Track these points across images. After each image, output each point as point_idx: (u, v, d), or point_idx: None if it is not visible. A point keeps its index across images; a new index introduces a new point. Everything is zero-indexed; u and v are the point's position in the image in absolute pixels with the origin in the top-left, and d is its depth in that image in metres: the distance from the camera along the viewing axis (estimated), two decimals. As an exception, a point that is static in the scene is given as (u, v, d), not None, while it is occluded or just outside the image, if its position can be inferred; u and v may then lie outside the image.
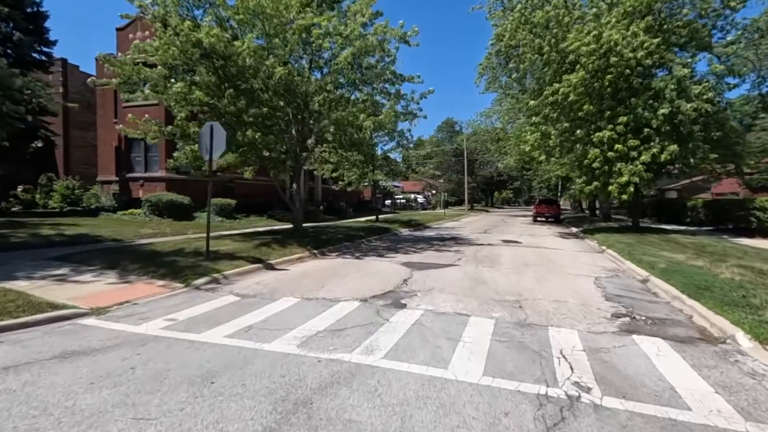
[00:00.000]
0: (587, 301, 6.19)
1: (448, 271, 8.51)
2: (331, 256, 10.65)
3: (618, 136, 14.75)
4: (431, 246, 12.92)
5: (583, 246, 13.93)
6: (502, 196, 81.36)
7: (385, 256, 10.63)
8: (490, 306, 5.81)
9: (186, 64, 10.52)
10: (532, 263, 9.66)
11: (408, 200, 44.19)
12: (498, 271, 8.49)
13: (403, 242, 14.06)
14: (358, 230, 16.08)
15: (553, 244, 14.27)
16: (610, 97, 15.30)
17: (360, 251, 11.57)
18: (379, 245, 13.17)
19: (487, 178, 57.67)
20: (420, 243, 13.79)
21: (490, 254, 11.11)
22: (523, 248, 12.65)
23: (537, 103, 16.12)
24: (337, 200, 26.71)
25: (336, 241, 12.70)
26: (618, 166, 14.62)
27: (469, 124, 43.45)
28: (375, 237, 15.16)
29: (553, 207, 27.32)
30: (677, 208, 21.95)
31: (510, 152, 28.26)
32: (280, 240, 11.77)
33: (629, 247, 11.71)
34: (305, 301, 5.96)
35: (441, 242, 14.08)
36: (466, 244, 13.66)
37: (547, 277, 8.02)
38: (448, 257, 10.43)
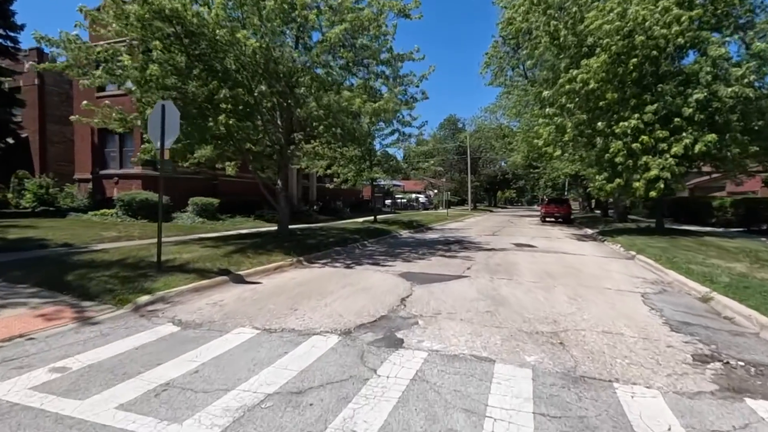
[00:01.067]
0: (648, 332, 4.58)
1: (457, 285, 6.88)
2: (317, 264, 9.04)
3: (644, 126, 13.12)
4: (435, 251, 11.30)
5: (606, 251, 12.28)
6: (505, 196, 79.63)
7: (381, 264, 9.02)
8: (520, 342, 4.19)
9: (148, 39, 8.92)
10: (557, 274, 8.03)
11: (409, 200, 42.55)
12: (519, 285, 6.87)
13: (402, 247, 12.44)
14: (353, 232, 14.47)
15: (572, 248, 12.63)
16: (635, 84, 13.65)
17: (353, 258, 9.96)
18: (376, 250, 11.56)
19: (490, 177, 55.95)
20: (422, 247, 12.17)
21: (504, 262, 9.48)
22: (540, 254, 11.02)
23: (552, 93, 14.47)
24: (333, 200, 25.13)
25: (326, 245, 11.09)
26: (644, 160, 12.97)
27: (473, 120, 41.81)
28: (371, 240, 13.55)
29: (563, 207, 25.65)
30: (699, 208, 20.29)
31: (518, 148, 26.60)
32: (259, 245, 10.18)
33: (664, 252, 10.08)
34: (265, 335, 4.36)
35: (446, 246, 12.46)
36: (474, 248, 12.04)
37: (582, 293, 6.39)
38: (456, 266, 8.80)
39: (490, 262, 9.43)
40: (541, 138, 15.04)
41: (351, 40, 10.93)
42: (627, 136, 13.40)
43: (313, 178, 23.99)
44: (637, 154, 13.28)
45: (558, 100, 14.45)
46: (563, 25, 14.36)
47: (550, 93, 14.43)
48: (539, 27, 15.01)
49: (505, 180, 60.83)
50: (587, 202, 35.35)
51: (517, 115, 24.63)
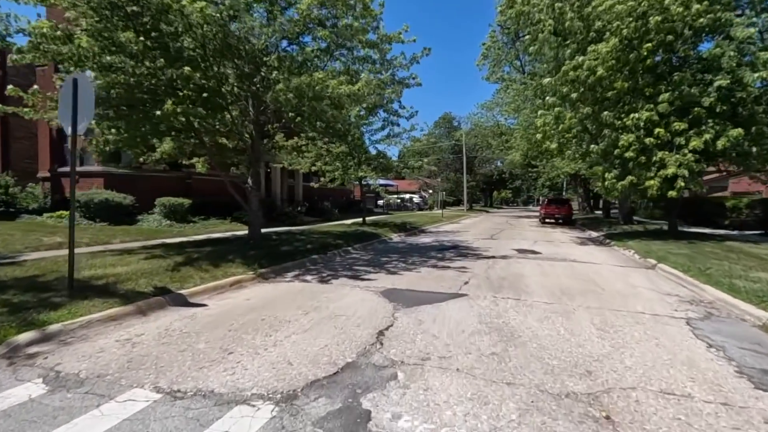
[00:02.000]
0: (725, 392, 3.19)
1: (453, 308, 5.47)
2: (285, 278, 7.59)
3: (659, 117, 11.80)
4: (427, 259, 9.89)
5: (619, 258, 10.93)
6: (501, 196, 78.54)
7: (362, 277, 7.59)
8: (548, 418, 2.77)
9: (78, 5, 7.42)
10: (573, 290, 6.64)
11: (403, 200, 41.14)
12: (531, 309, 5.46)
13: (391, 254, 11.01)
14: (337, 237, 13.03)
15: (581, 254, 11.26)
16: (648, 72, 12.33)
17: (330, 268, 8.52)
18: (359, 258, 10.13)
19: (486, 176, 54.80)
20: (412, 254, 10.75)
21: (507, 273, 8.07)
22: (547, 262, 9.63)
23: (554, 81, 13.11)
24: (321, 200, 23.66)
25: (302, 253, 9.64)
26: (659, 156, 11.66)
27: (469, 117, 40.48)
28: (357, 246, 12.11)
29: (564, 207, 24.35)
30: (710, 209, 19.04)
31: (516, 146, 25.28)
32: (221, 253, 8.71)
33: (691, 261, 8.75)
34: (165, 404, 2.91)
35: (439, 253, 11.05)
36: (471, 255, 10.64)
37: (612, 321, 4.99)
38: (451, 279, 7.39)
39: (491, 273, 8.02)
40: (539, 130, 13.65)
41: (333, 20, 9.52)
42: (639, 129, 12.08)
43: (299, 177, 22.51)
44: (650, 149, 11.97)
45: (560, 89, 13.09)
46: (569, 8, 13.01)
47: (553, 80, 13.06)
48: (542, 9, 13.65)
49: (501, 180, 59.68)
50: (587, 202, 34.14)
51: (515, 111, 23.29)
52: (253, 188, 10.41)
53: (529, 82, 21.71)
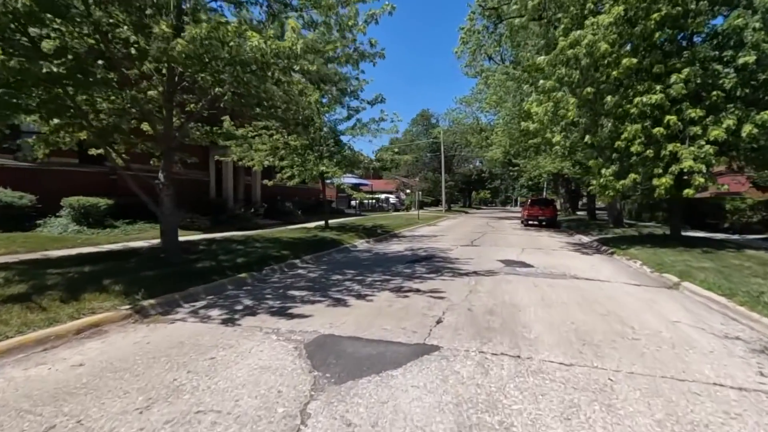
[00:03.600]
0: None
1: (414, 387, 3.22)
2: (177, 313, 5.21)
3: (670, 103, 9.96)
4: (391, 277, 7.65)
5: (627, 271, 8.98)
6: (480, 196, 77.37)
7: (290, 312, 5.28)
8: None
9: None
10: (594, 333, 4.51)
11: (378, 201, 38.86)
12: (544, 383, 3.26)
13: (348, 269, 8.73)
14: (286, 245, 10.66)
15: (581, 266, 9.27)
16: (656, 48, 10.49)
17: (254, 296, 6.18)
18: (303, 277, 7.80)
19: (465, 176, 53.18)
20: (375, 270, 8.50)
21: (496, 302, 5.91)
22: (544, 280, 7.54)
23: (548, 60, 11.11)
24: (282, 200, 21.14)
25: (224, 271, 7.25)
26: (670, 148, 9.80)
27: (447, 113, 38.58)
28: (309, 257, 9.78)
29: (549, 209, 22.61)
30: (706, 210, 17.55)
31: (498, 142, 23.43)
32: (97, 276, 6.23)
33: (725, 279, 6.85)
34: None
35: (408, 267, 8.84)
36: (448, 270, 8.46)
37: (683, 411, 2.85)
38: (418, 314, 5.17)
39: (474, 302, 5.84)
40: (535, 118, 11.63)
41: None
42: (646, 117, 10.21)
43: (256, 175, 19.93)
44: (659, 141, 10.12)
45: (556, 71, 11.11)
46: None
47: (547, 59, 11.06)
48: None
49: (480, 180, 58.28)
50: (570, 203, 32.74)
51: (497, 103, 21.37)
52: (165, 185, 7.93)
53: (512, 72, 19.90)
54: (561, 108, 11.14)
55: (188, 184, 16.81)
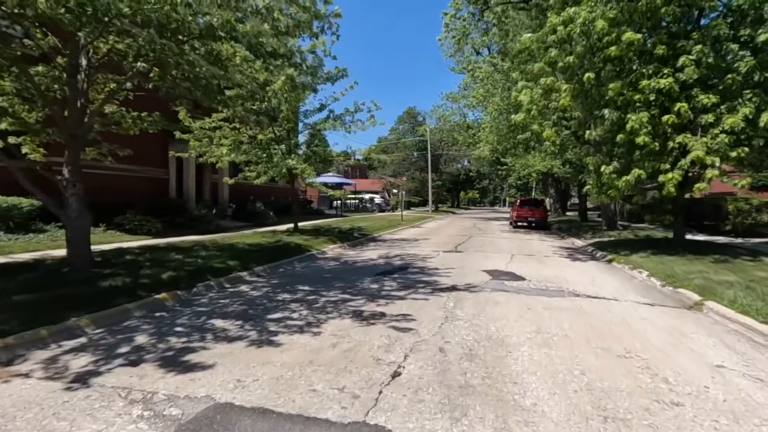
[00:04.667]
0: None
1: None
2: (20, 366, 3.66)
3: (680, 89, 8.70)
4: (351, 297, 6.18)
5: (634, 284, 7.66)
6: (468, 196, 76.36)
7: (184, 361, 3.78)
8: None
9: None
10: (619, 397, 3.09)
11: (361, 201, 37.30)
12: None
13: (300, 286, 7.23)
14: (237, 254, 9.13)
15: (580, 279, 7.91)
16: (663, 27, 9.24)
17: (155, 330, 4.65)
18: (238, 300, 6.28)
19: (453, 175, 51.95)
20: (333, 288, 7.01)
21: (477, 337, 4.47)
22: (539, 301, 6.15)
23: (537, 38, 9.77)
24: (253, 201, 19.50)
25: (135, 291, 5.70)
26: (679, 140, 8.54)
27: (434, 110, 37.19)
28: (262, 269, 8.26)
29: (539, 209, 21.38)
30: (704, 211, 16.45)
31: (485, 139, 22.12)
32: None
33: (756, 296, 5.67)
34: None
35: (376, 282, 7.38)
36: (423, 287, 7.02)
37: None
38: (366, 364, 3.71)
39: (450, 339, 4.40)
40: (522, 109, 10.25)
41: None
42: (652, 105, 8.94)
43: (224, 173, 18.23)
44: (666, 132, 8.86)
45: (546, 53, 9.76)
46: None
47: (536, 36, 9.71)
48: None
49: (468, 179, 57.18)
50: (560, 203, 31.66)
51: (484, 97, 20.05)
52: (70, 182, 6.33)
53: (500, 64, 18.62)
54: (552, 97, 9.79)
55: (142, 183, 15.14)
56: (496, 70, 18.73)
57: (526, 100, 9.79)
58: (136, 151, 15.20)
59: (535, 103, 9.81)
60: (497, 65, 18.76)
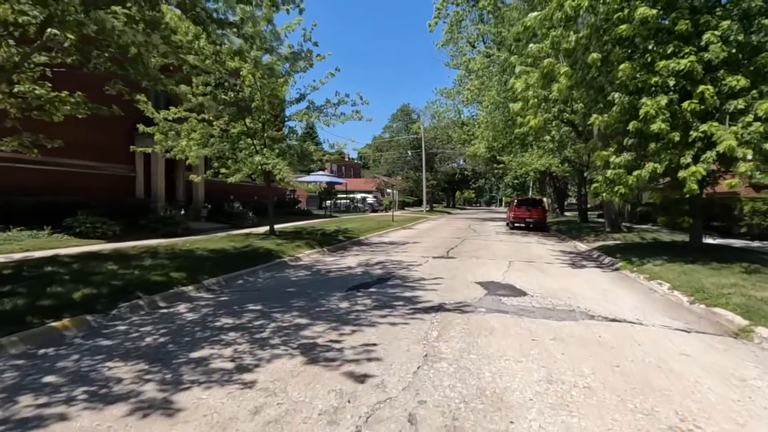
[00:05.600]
0: None
1: None
2: None
3: (703, 70, 7.51)
4: (307, 324, 4.90)
5: (654, 299, 6.45)
6: (463, 196, 75.22)
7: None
8: None
9: None
10: None
11: (353, 201, 35.96)
12: None
13: (251, 306, 5.94)
14: (189, 263, 7.83)
15: (590, 293, 6.68)
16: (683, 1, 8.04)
17: (8, 391, 3.35)
18: (163, 327, 4.98)
19: (448, 175, 50.73)
20: (290, 308, 5.73)
21: (466, 392, 3.19)
22: (547, 327, 4.89)
23: (542, 16, 8.52)
24: (232, 201, 18.14)
25: (21, 318, 4.39)
26: (704, 129, 7.34)
27: (428, 107, 35.95)
28: (214, 282, 6.97)
29: (537, 210, 20.17)
30: (715, 212, 15.29)
31: (480, 135, 20.90)
32: None
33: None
34: None
35: (347, 300, 6.10)
36: (402, 306, 5.75)
37: None
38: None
39: (425, 398, 3.13)
40: (519, 95, 8.97)
41: None
42: (671, 90, 7.72)
43: (199, 170, 16.86)
44: (688, 120, 7.65)
45: (550, 33, 8.53)
46: None
47: (541, 15, 8.47)
48: None
49: (464, 179, 56.03)
50: (558, 203, 30.51)
51: (479, 90, 18.82)
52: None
53: (496, 55, 17.41)
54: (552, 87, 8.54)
55: (102, 181, 13.79)
56: (491, 61, 17.53)
57: (522, 86, 8.52)
58: (95, 146, 13.91)
59: (533, 88, 8.55)
60: (493, 56, 17.56)
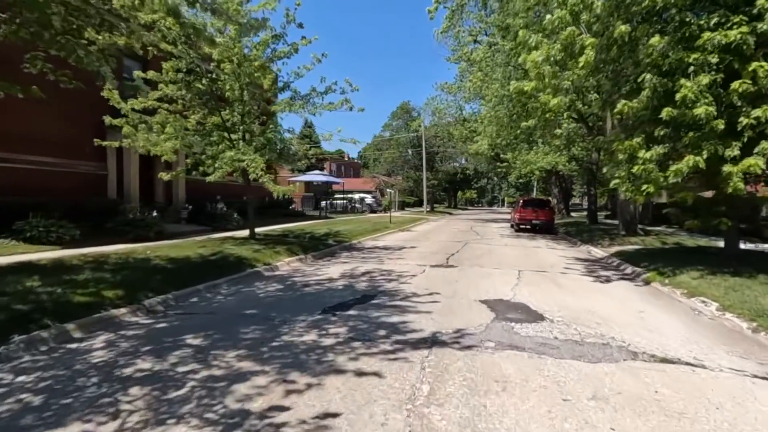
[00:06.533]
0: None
1: None
2: None
3: (755, 45, 6.21)
4: (248, 371, 3.61)
5: (703, 325, 5.16)
6: (465, 196, 73.82)
7: None
8: None
9: None
10: None
11: (350, 201, 34.65)
12: None
13: (185, 343, 4.64)
14: (141, 276, 6.58)
15: (627, 319, 5.37)
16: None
17: None
18: (45, 379, 3.69)
19: (449, 174, 49.39)
20: (238, 341, 4.45)
21: None
22: (580, 376, 3.58)
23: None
24: (215, 202, 16.86)
25: None
26: (757, 114, 6.04)
27: (428, 103, 34.63)
28: (158, 301, 5.71)
29: (544, 211, 18.82)
30: (747, 213, 13.91)
31: (483, 131, 19.61)
32: None
33: None
34: None
35: (316, 329, 4.81)
36: (384, 340, 4.45)
37: None
38: None
39: None
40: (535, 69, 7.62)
41: None
42: (712, 69, 6.42)
43: (175, 168, 15.60)
44: (735, 105, 6.36)
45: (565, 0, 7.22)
46: None
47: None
48: None
49: (465, 179, 54.68)
50: (564, 203, 29.15)
51: (482, 82, 17.53)
52: None
53: (500, 43, 16.11)
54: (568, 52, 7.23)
55: (67, 180, 12.53)
56: (496, 50, 16.26)
57: (542, 56, 7.16)
58: (59, 141, 12.57)
59: (549, 64, 7.22)
60: (497, 45, 16.28)
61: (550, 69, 7.16)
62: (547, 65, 7.16)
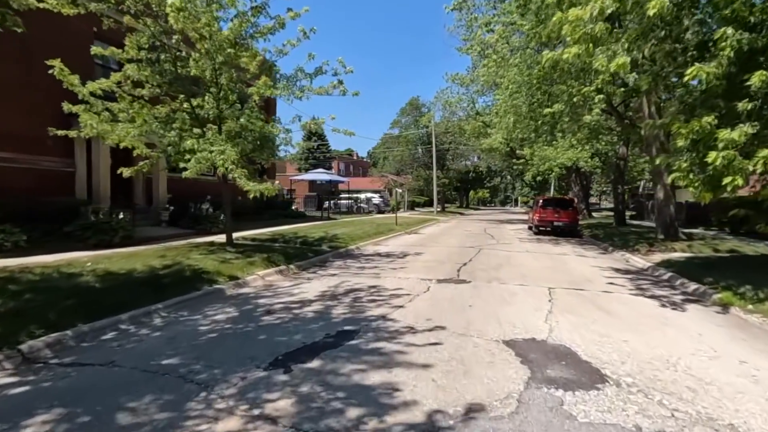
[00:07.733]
0: None
1: None
2: None
3: None
4: None
5: None
6: (477, 196, 71.44)
7: None
8: None
9: None
10: None
11: (356, 201, 32.93)
12: None
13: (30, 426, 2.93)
14: (55, 299, 4.97)
15: (733, 381, 3.52)
16: None
17: None
18: None
19: (461, 173, 47.34)
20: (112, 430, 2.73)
21: None
22: None
23: None
24: (200, 202, 15.30)
25: None
26: None
27: (438, 96, 32.71)
28: (53, 344, 4.10)
29: (567, 212, 16.80)
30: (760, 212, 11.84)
31: (498, 124, 17.72)
32: None
33: None
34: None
35: (239, 418, 3.08)
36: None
37: None
38: None
39: None
40: (571, 35, 5.76)
41: None
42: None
43: (158, 165, 14.07)
44: None
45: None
46: None
47: None
48: None
49: (478, 177, 52.54)
50: (585, 202, 26.97)
51: (498, 66, 15.67)
52: None
53: (519, 22, 14.26)
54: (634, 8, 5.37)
55: (24, 177, 11.06)
56: (515, 28, 14.44)
57: (598, 8, 5.27)
58: (12, 132, 11.00)
59: (598, 18, 5.36)
60: (514, 24, 14.43)
61: (603, 26, 5.32)
62: (599, 22, 5.31)
